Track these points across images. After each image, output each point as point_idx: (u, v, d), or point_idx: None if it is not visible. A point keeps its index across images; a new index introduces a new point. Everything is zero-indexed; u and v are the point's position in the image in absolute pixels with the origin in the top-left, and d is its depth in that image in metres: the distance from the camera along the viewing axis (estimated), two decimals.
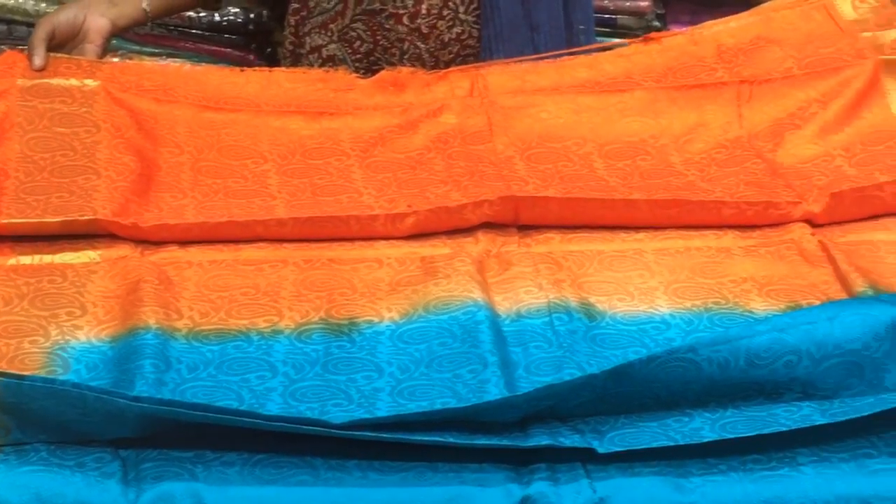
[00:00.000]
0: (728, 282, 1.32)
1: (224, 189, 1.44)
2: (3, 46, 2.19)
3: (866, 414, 1.10)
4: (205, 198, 1.42)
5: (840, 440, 1.11)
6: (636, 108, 1.55)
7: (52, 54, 1.57)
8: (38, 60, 1.54)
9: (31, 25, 1.82)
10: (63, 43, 1.63)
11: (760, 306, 1.28)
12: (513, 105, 1.55)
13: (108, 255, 1.33)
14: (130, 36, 2.31)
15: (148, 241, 1.36)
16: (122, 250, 1.34)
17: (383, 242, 1.38)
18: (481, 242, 1.38)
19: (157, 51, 2.39)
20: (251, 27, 2.40)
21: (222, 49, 2.41)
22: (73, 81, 1.52)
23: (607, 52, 1.65)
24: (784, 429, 1.09)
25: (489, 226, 1.40)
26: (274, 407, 1.14)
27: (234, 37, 2.41)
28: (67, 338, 1.21)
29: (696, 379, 1.12)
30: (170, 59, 2.36)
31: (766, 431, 1.09)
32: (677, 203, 1.41)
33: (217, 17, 2.37)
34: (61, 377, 1.15)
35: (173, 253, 1.35)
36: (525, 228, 1.41)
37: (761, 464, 1.09)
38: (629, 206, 1.41)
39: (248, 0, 2.34)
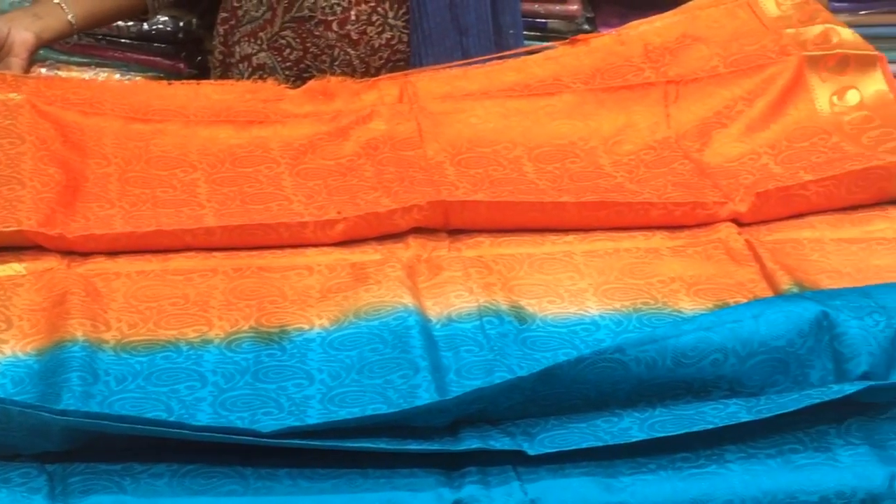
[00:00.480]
0: (657, 282, 1.33)
1: (152, 199, 1.43)
2: None
3: (792, 410, 1.11)
4: (133, 208, 1.41)
5: (767, 436, 1.12)
6: (565, 110, 1.56)
7: None
8: None
9: None
10: None
11: (688, 306, 1.29)
12: (442, 111, 1.56)
13: (33, 267, 1.31)
14: (58, 46, 2.28)
15: (75, 252, 1.35)
16: (49, 262, 1.32)
17: (313, 249, 1.38)
18: (412, 248, 1.38)
19: (85, 60, 2.37)
20: (181, 36, 2.38)
21: (152, 58, 2.39)
22: None
23: (535, 56, 1.66)
24: (712, 426, 1.10)
25: (419, 231, 1.40)
26: (204, 417, 1.13)
27: (163, 45, 2.40)
28: None
29: (625, 379, 1.13)
30: (98, 69, 2.35)
31: (694, 430, 1.10)
32: (606, 205, 1.42)
33: (146, 27, 2.35)
34: None
35: (101, 264, 1.34)
36: (455, 233, 1.41)
37: (690, 462, 1.10)
38: (558, 209, 1.42)
39: (178, 9, 2.33)
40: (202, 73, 2.25)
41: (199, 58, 2.41)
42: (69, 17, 1.69)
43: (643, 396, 1.14)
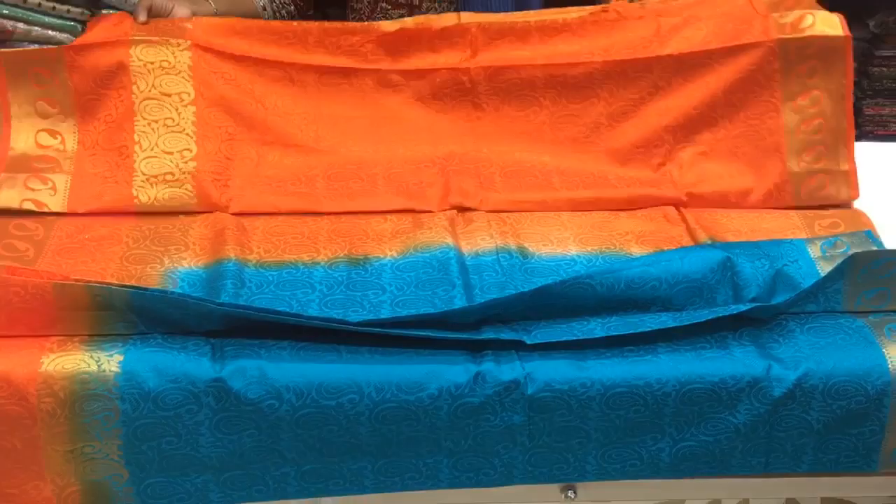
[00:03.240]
0: (616, 234, 1.33)
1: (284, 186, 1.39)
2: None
3: (703, 320, 1.13)
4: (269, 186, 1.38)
5: (686, 338, 1.14)
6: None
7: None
8: (142, 17, 1.42)
9: None
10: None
11: (637, 250, 1.29)
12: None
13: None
14: None
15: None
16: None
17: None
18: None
19: None
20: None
21: None
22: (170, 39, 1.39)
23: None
24: (649, 329, 1.12)
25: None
26: (313, 312, 1.16)
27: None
28: (175, 265, 1.22)
29: (592, 297, 1.14)
30: None
31: (637, 331, 1.12)
32: (594, 200, 1.39)
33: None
34: (171, 290, 1.17)
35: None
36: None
37: (634, 353, 1.12)
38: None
39: None
40: None
41: None
42: (212, 4, 1.55)
43: (604, 308, 1.15)
